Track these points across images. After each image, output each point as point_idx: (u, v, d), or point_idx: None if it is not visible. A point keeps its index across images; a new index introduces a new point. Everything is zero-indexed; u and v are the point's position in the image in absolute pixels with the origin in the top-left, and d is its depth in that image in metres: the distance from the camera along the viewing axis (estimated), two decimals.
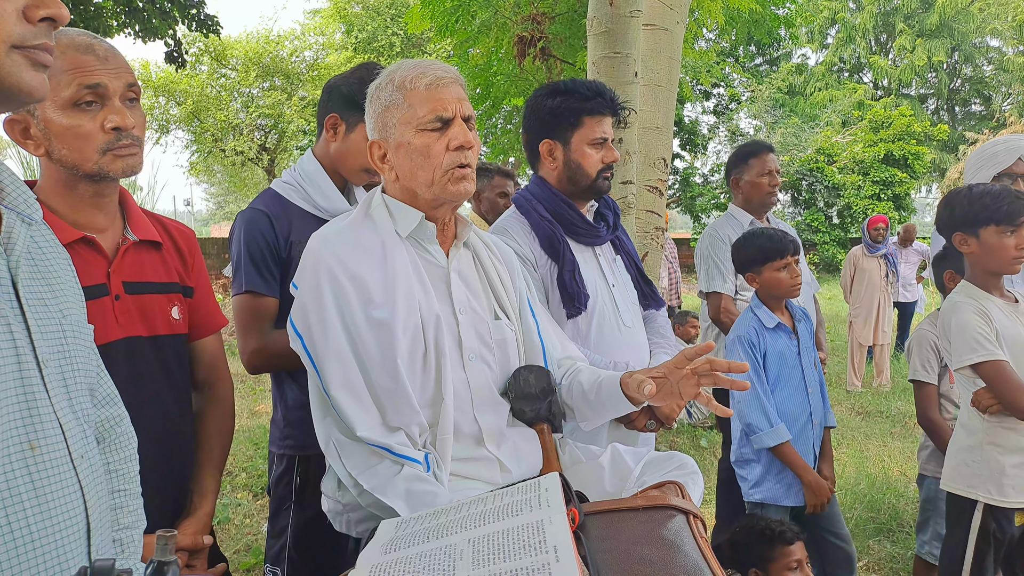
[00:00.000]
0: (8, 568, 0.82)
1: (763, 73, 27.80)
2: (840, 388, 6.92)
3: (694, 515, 1.03)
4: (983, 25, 28.87)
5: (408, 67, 1.36)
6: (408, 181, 1.36)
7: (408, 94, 1.33)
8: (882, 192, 19.89)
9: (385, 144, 1.37)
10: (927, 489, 2.62)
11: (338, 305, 1.28)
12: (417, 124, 1.32)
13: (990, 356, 2.01)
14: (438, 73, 1.33)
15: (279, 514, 1.83)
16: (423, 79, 1.32)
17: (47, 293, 0.95)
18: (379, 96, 1.37)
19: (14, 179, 0.95)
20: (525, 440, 1.42)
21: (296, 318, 1.33)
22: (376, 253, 1.33)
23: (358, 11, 21.81)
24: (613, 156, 1.93)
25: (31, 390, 0.87)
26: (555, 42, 7.62)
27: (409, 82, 1.33)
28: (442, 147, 1.32)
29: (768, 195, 3.03)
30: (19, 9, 0.80)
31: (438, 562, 0.89)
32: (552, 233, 1.90)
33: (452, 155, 1.32)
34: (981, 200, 2.08)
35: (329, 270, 1.29)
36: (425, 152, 1.32)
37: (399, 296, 1.29)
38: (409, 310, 1.29)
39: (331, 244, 1.32)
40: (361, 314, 1.28)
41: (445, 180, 1.33)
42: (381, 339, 1.27)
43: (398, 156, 1.35)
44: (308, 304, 1.30)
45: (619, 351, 1.90)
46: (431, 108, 1.31)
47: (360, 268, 1.30)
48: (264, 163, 22.17)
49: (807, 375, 2.42)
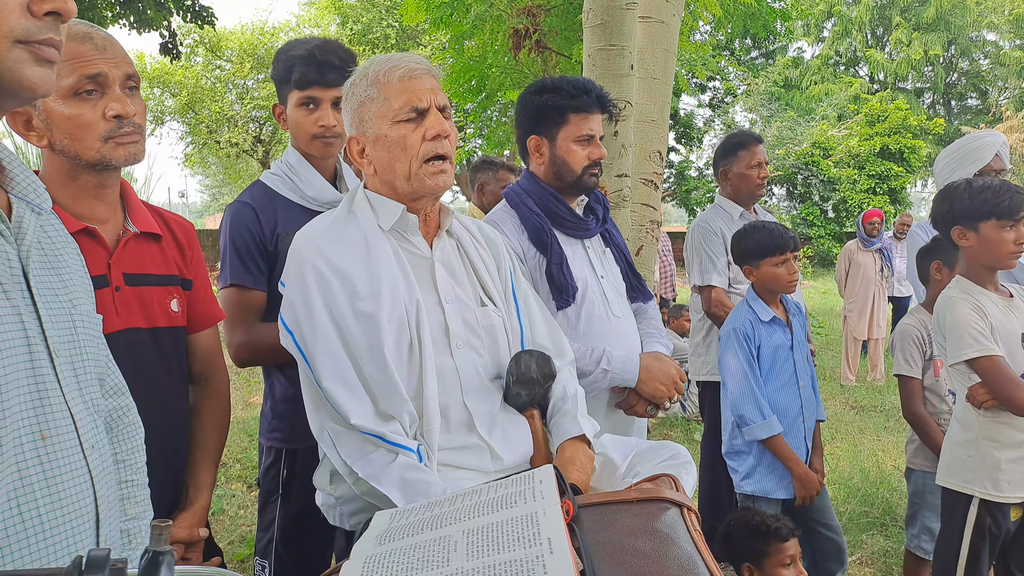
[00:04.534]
0: (19, 557, 0.82)
1: (759, 66, 27.74)
2: (834, 382, 6.94)
3: (688, 508, 1.03)
4: (980, 19, 28.87)
5: (381, 61, 1.38)
6: (386, 174, 1.38)
7: (382, 87, 1.35)
8: (878, 186, 19.92)
9: (363, 139, 1.39)
10: (915, 483, 2.64)
11: (325, 299, 1.30)
12: (393, 116, 1.34)
13: (985, 351, 2.01)
14: (411, 65, 1.35)
15: (267, 507, 1.84)
16: (396, 72, 1.34)
17: (57, 283, 0.95)
18: (354, 92, 1.39)
19: (24, 169, 0.95)
20: (516, 427, 1.43)
21: (286, 316, 1.35)
22: (360, 247, 1.34)
23: (353, 3, 21.71)
24: (599, 153, 1.95)
25: (42, 380, 0.87)
26: (550, 35, 7.60)
27: (383, 75, 1.35)
28: (418, 137, 1.34)
29: (757, 187, 3.04)
30: (23, 3, 0.79)
31: (432, 553, 0.89)
32: (540, 226, 1.91)
33: (429, 144, 1.34)
34: (982, 194, 2.08)
35: (314, 267, 1.31)
36: (402, 143, 1.34)
37: (384, 288, 1.31)
38: (394, 302, 1.31)
39: (315, 241, 1.35)
40: (348, 307, 1.30)
41: (423, 173, 1.35)
42: (368, 331, 1.29)
43: (376, 150, 1.37)
44: (296, 301, 1.32)
45: (608, 341, 1.92)
46: (406, 99, 1.33)
47: (344, 262, 1.32)
48: (259, 155, 22.10)
49: (799, 369, 2.44)
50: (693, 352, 3.19)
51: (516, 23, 7.38)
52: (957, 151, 2.90)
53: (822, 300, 13.74)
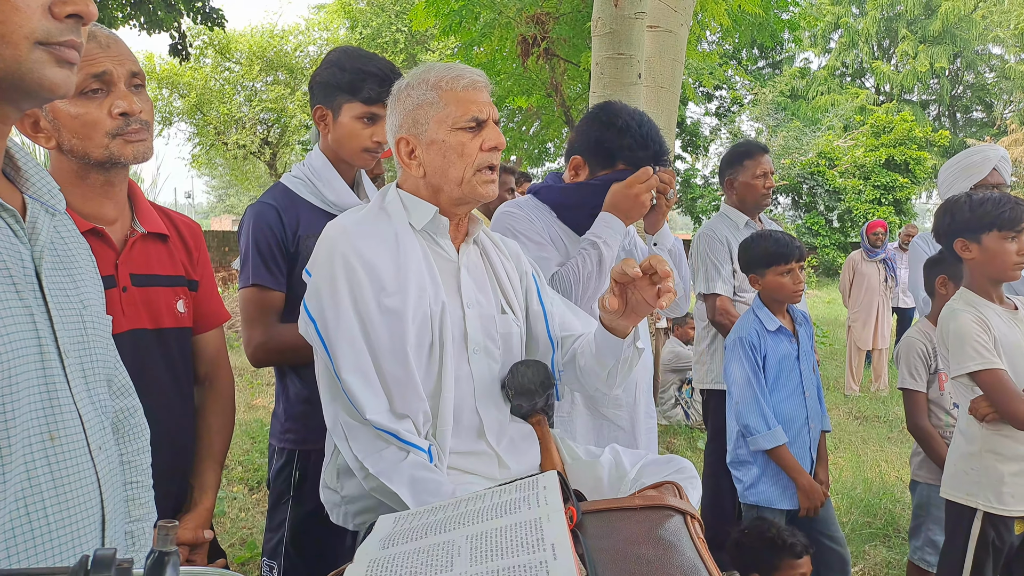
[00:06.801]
0: (25, 557, 0.82)
1: (766, 76, 27.79)
2: (838, 392, 6.93)
3: (691, 516, 1.03)
4: (985, 32, 28.87)
5: (443, 68, 1.40)
6: (437, 178, 1.39)
7: (443, 93, 1.37)
8: (883, 197, 19.90)
9: (415, 140, 1.39)
10: (919, 495, 2.64)
11: (352, 291, 1.30)
12: (453, 123, 1.35)
13: (987, 364, 2.01)
14: (474, 77, 1.39)
15: (277, 508, 1.84)
16: (460, 80, 1.37)
17: (69, 284, 0.95)
18: (409, 94, 1.40)
19: (40, 170, 0.96)
20: (523, 437, 1.43)
21: (310, 303, 1.35)
22: (390, 243, 1.35)
23: (362, 7, 21.81)
24: None
25: (52, 381, 0.87)
26: (559, 42, 7.63)
27: (445, 82, 1.37)
28: (476, 147, 1.36)
29: (762, 196, 3.04)
30: (45, 5, 0.80)
31: (436, 558, 0.89)
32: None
33: (485, 155, 1.37)
34: (983, 206, 2.09)
35: (344, 257, 1.31)
36: (459, 150, 1.36)
37: (410, 285, 1.31)
38: (419, 300, 1.32)
39: (347, 232, 1.35)
40: (373, 302, 1.30)
41: (475, 180, 1.37)
42: (392, 327, 1.30)
43: (429, 153, 1.38)
44: (323, 289, 1.32)
45: None
46: (467, 109, 1.35)
47: (374, 256, 1.32)
48: (266, 157, 22.16)
49: (805, 379, 2.43)
50: (697, 360, 3.19)
51: (525, 30, 7.41)
52: (957, 164, 2.91)
53: (826, 310, 13.71)
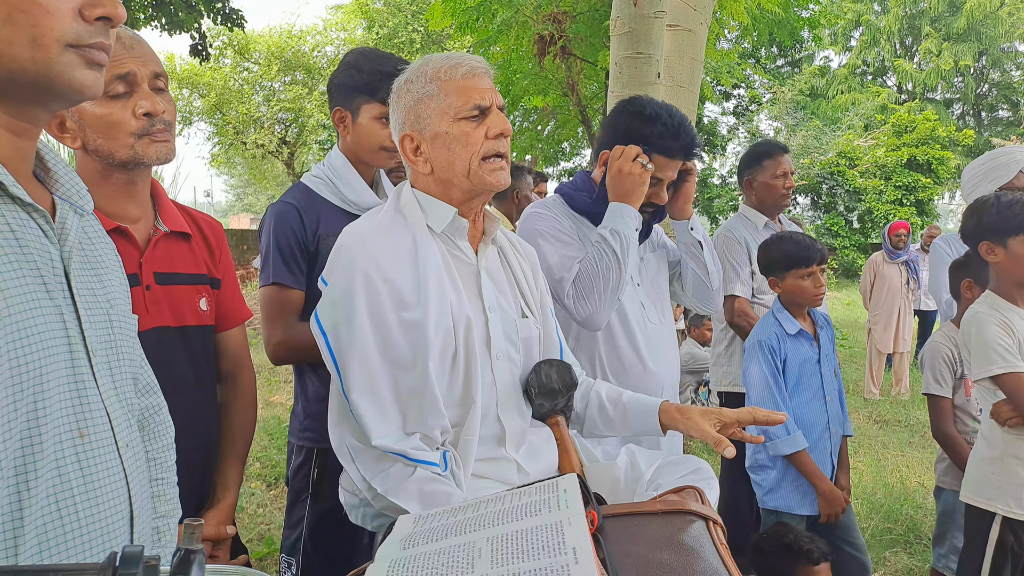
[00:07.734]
0: (56, 553, 0.83)
1: (785, 75, 27.54)
2: (858, 396, 6.85)
3: (714, 521, 1.02)
4: (1012, 30, 28.36)
5: (439, 59, 1.36)
6: (444, 172, 1.35)
7: (443, 84, 1.32)
8: (904, 197, 19.62)
9: (419, 136, 1.35)
10: (944, 502, 2.60)
11: (370, 306, 1.26)
12: (455, 113, 1.31)
13: (1010, 368, 1.98)
14: (472, 63, 1.34)
15: (296, 505, 1.86)
16: (459, 69, 1.32)
17: (96, 283, 0.96)
18: (409, 89, 1.36)
19: (69, 171, 0.97)
20: (542, 440, 1.42)
21: (323, 315, 1.30)
22: (408, 250, 1.31)
23: (379, 7, 21.89)
24: (660, 199, 1.95)
25: (81, 379, 0.89)
26: (575, 41, 7.61)
27: (444, 72, 1.33)
28: (480, 135, 1.32)
29: (782, 197, 3.00)
30: (75, 8, 0.81)
31: (457, 559, 0.89)
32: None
33: (490, 143, 1.32)
34: (1010, 209, 2.06)
35: (364, 271, 1.27)
36: (463, 140, 1.31)
37: (431, 296, 1.27)
38: (441, 310, 1.28)
39: (366, 242, 1.30)
40: (393, 316, 1.26)
41: (482, 170, 1.32)
42: (413, 340, 1.26)
43: (434, 147, 1.34)
44: (338, 302, 1.28)
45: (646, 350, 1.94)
46: (468, 97, 1.31)
47: (393, 269, 1.28)
48: (284, 156, 22.32)
49: (826, 383, 2.40)
50: (715, 362, 3.17)
51: (541, 29, 7.40)
52: (982, 166, 2.86)
53: (846, 312, 13.56)
